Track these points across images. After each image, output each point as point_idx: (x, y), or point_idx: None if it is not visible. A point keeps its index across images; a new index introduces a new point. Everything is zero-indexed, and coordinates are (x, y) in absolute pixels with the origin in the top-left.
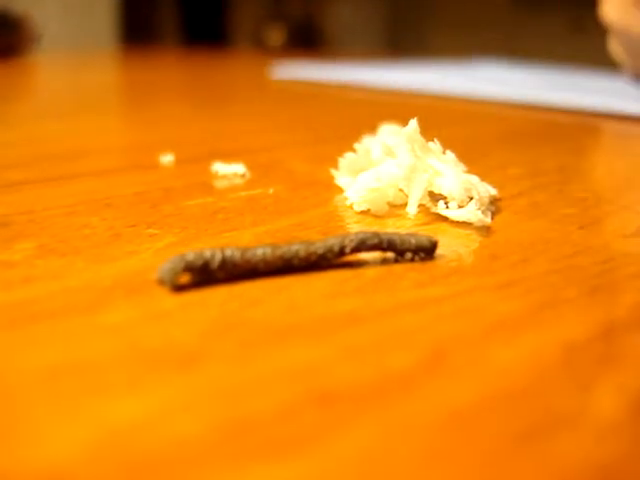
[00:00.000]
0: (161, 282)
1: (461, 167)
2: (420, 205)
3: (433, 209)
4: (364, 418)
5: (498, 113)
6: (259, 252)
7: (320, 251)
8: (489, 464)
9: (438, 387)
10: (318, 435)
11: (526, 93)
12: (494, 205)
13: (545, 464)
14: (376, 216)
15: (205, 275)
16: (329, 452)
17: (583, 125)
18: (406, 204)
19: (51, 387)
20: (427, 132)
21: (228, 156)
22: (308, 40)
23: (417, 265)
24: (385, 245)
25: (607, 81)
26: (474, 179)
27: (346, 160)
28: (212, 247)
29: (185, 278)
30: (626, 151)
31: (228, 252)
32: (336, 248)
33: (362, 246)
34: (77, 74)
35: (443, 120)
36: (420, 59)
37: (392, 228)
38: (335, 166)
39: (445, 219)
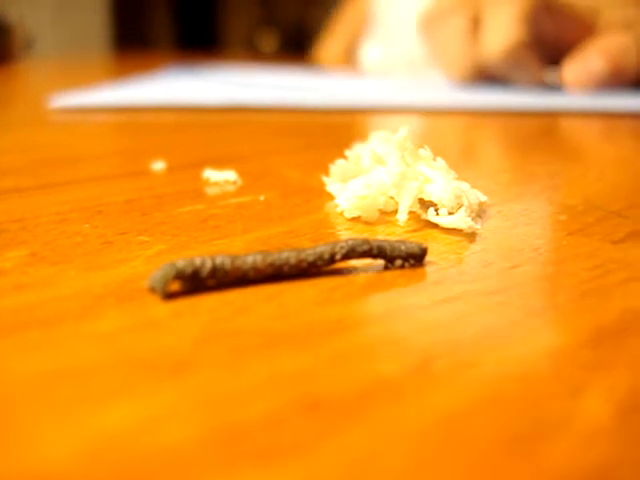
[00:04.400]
0: (152, 290)
1: (452, 174)
2: (410, 212)
3: (423, 216)
4: (353, 425)
5: (477, 120)
6: (249, 259)
7: (310, 258)
8: (478, 471)
9: (427, 394)
10: (308, 442)
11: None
12: (484, 212)
13: (534, 470)
14: (367, 223)
15: (196, 283)
16: (318, 459)
17: (573, 130)
18: (397, 211)
19: (42, 394)
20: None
21: (219, 163)
22: (300, 45)
23: (407, 272)
24: (375, 252)
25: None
26: (464, 186)
27: (337, 167)
28: (203, 254)
29: (176, 286)
30: (615, 157)
31: (219, 259)
32: (326, 255)
33: (352, 253)
34: (70, 80)
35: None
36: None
37: (382, 235)
38: (326, 173)
39: (435, 226)
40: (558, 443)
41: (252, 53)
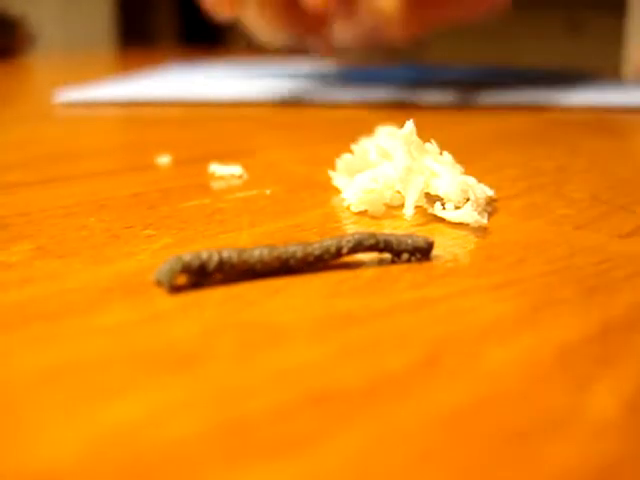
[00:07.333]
0: (158, 283)
1: (458, 168)
2: (417, 206)
3: (430, 210)
4: (360, 419)
5: (489, 114)
6: (256, 253)
7: (317, 252)
8: (485, 465)
9: (434, 388)
10: (315, 435)
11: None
12: (491, 206)
13: (541, 465)
14: (373, 217)
15: (202, 276)
16: (326, 452)
17: (579, 124)
18: (403, 205)
19: (49, 388)
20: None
21: (225, 157)
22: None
23: (414, 266)
24: (382, 246)
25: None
26: (471, 180)
27: (343, 161)
28: (209, 248)
29: (182, 279)
30: (622, 151)
31: (225, 253)
32: (333, 249)
33: (359, 247)
34: (74, 75)
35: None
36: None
37: (389, 229)
38: (332, 167)
39: (442, 220)
40: (565, 438)
41: (255, 50)
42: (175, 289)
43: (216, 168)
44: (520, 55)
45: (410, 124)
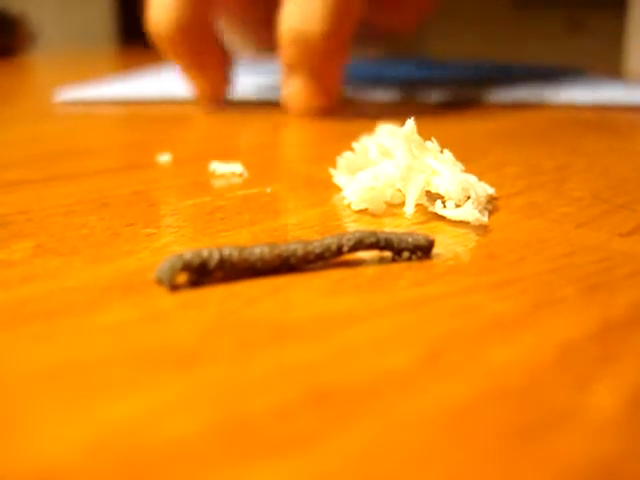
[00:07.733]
0: (159, 282)
1: (459, 166)
2: (417, 204)
3: (430, 208)
4: (362, 417)
5: (494, 112)
6: (257, 251)
7: (318, 250)
8: (486, 462)
9: (435, 385)
10: (316, 434)
11: None
12: (491, 204)
13: (543, 462)
14: (374, 215)
15: (203, 274)
16: (327, 451)
17: (580, 123)
18: (404, 203)
19: (48, 387)
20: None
21: (225, 155)
22: None
23: (414, 264)
24: (383, 244)
25: None
26: (471, 178)
27: (344, 159)
28: (210, 246)
29: (183, 277)
30: (623, 149)
31: (226, 251)
32: (334, 247)
33: (360, 245)
34: (75, 73)
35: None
36: None
37: (390, 227)
38: (333, 165)
39: (442, 218)
40: (565, 435)
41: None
42: (176, 287)
43: (217, 166)
44: (520, 54)
45: (411, 122)
